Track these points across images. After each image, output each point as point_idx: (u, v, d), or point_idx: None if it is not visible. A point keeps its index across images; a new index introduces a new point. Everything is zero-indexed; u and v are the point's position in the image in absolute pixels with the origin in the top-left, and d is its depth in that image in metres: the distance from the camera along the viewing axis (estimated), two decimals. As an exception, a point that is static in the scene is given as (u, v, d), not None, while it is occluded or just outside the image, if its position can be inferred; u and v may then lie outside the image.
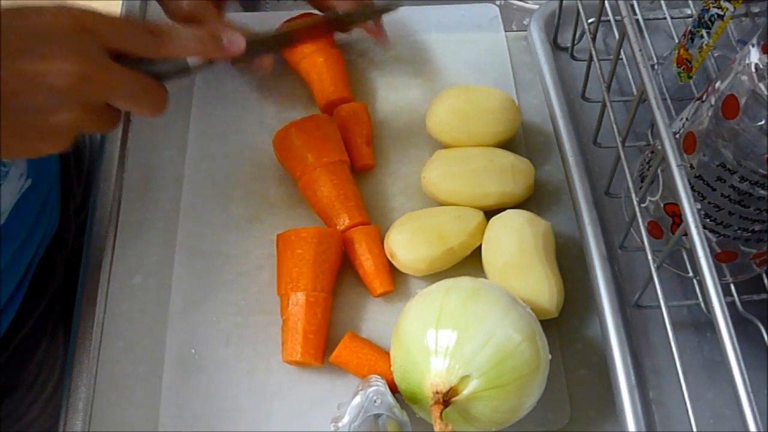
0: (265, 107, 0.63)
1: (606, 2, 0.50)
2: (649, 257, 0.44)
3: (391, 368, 0.47)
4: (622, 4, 0.44)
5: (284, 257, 0.52)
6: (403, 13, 0.68)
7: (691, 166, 0.42)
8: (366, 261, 0.53)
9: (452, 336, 0.42)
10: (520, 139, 0.60)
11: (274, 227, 0.56)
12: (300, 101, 0.63)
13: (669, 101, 0.55)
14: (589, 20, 0.54)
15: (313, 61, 0.61)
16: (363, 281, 0.53)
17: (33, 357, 0.61)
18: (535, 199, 0.57)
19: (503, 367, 0.42)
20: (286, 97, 0.64)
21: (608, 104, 0.49)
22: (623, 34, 0.44)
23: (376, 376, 0.47)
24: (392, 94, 0.64)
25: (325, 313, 0.51)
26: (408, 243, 0.52)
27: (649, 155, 0.49)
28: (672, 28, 0.59)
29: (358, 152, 0.58)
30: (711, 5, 0.46)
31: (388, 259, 0.53)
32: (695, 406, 0.39)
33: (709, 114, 0.40)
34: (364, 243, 0.53)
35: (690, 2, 0.59)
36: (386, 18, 0.61)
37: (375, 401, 0.44)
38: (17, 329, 0.58)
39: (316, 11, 0.60)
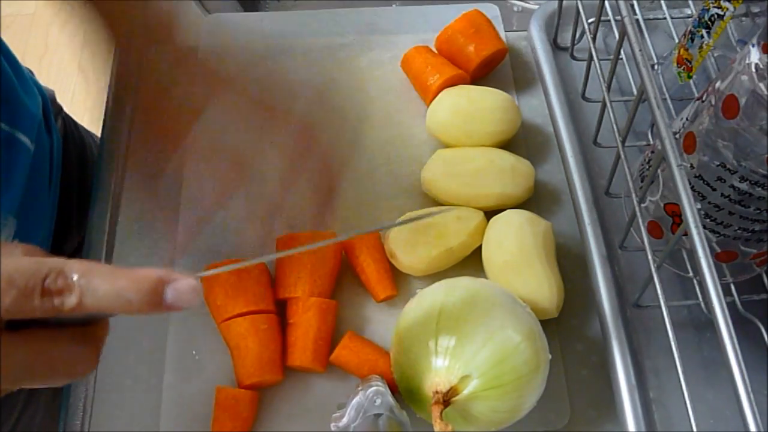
0: (266, 107, 0.63)
1: (606, 2, 0.50)
2: (649, 257, 0.44)
3: (391, 368, 0.47)
4: (622, 4, 0.44)
5: (282, 262, 0.52)
6: (403, 12, 0.68)
7: (691, 166, 0.42)
8: (368, 267, 0.53)
9: (452, 336, 0.42)
10: (520, 139, 0.60)
11: (275, 227, 0.56)
12: (300, 100, 0.63)
13: (669, 101, 0.55)
14: (589, 20, 0.54)
15: None
16: (366, 287, 0.53)
17: None
18: (535, 199, 0.57)
19: (503, 367, 0.42)
20: (286, 96, 0.63)
21: (608, 104, 0.49)
22: (623, 34, 0.44)
23: (376, 376, 0.47)
24: (392, 94, 0.64)
25: (333, 320, 0.51)
26: (408, 243, 0.52)
27: (649, 155, 0.49)
28: (672, 28, 0.59)
29: None
30: (711, 5, 0.46)
31: (388, 261, 0.53)
32: (695, 406, 0.39)
33: (709, 114, 0.40)
34: (364, 249, 0.53)
35: (690, 2, 0.59)
36: (383, 18, 0.60)
37: (375, 401, 0.44)
38: None
39: None
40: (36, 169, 0.57)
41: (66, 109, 0.70)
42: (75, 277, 0.30)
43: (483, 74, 0.63)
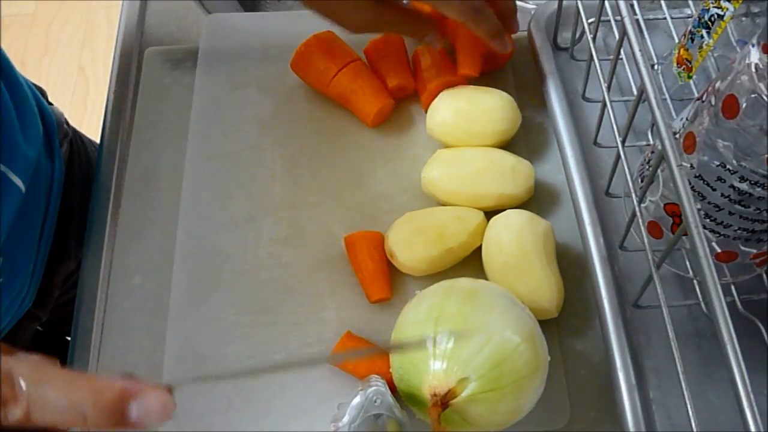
0: (265, 107, 0.63)
1: (606, 2, 0.50)
2: (649, 257, 0.44)
3: (390, 370, 0.47)
4: (622, 4, 0.44)
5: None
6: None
7: (691, 166, 0.42)
8: (366, 266, 0.53)
9: (450, 338, 0.42)
10: (520, 139, 0.60)
11: (275, 227, 0.56)
12: (300, 100, 0.63)
13: (669, 101, 0.55)
14: (589, 20, 0.54)
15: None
16: (361, 286, 0.54)
17: None
18: (535, 200, 0.57)
19: (501, 369, 0.41)
20: (286, 95, 0.64)
21: (608, 104, 0.49)
22: (623, 34, 0.44)
23: (377, 376, 0.47)
24: (392, 94, 0.64)
25: None
26: (408, 243, 0.52)
27: (649, 155, 0.49)
28: (672, 28, 0.59)
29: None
30: (711, 5, 0.46)
31: (388, 261, 0.53)
32: (695, 406, 0.39)
33: (709, 114, 0.40)
34: (365, 248, 0.53)
35: (690, 2, 0.59)
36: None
37: (375, 401, 0.44)
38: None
39: None
40: (28, 209, 0.56)
41: (65, 110, 0.70)
42: (24, 385, 0.26)
43: (484, 70, 0.63)
